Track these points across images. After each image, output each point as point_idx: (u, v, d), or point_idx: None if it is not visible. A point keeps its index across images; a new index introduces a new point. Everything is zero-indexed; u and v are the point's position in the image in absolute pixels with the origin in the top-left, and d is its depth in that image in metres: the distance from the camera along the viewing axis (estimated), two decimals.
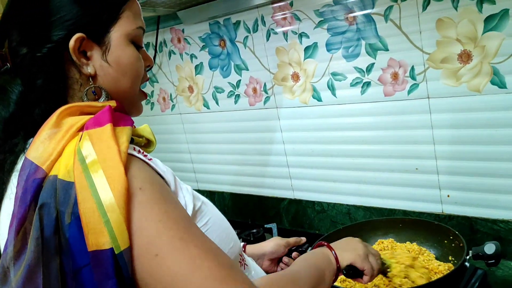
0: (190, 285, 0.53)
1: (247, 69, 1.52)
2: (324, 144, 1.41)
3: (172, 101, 1.81)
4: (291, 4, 1.33)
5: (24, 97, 0.66)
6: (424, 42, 1.13)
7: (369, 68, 1.24)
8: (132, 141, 0.64)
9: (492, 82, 1.06)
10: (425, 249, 1.08)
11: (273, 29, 1.40)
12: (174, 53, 1.72)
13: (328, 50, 1.30)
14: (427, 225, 1.11)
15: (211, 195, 1.82)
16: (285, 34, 1.38)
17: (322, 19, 1.28)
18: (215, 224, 0.72)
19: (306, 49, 1.34)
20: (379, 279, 0.95)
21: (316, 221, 1.53)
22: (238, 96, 1.58)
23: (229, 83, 1.59)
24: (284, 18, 1.36)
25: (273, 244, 1.11)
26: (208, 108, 1.69)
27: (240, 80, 1.55)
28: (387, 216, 1.32)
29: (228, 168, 1.72)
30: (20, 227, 0.55)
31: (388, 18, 1.16)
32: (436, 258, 1.06)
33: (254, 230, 1.51)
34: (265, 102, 1.51)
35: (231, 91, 1.59)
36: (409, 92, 1.19)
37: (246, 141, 1.62)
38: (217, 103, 1.65)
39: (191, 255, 0.55)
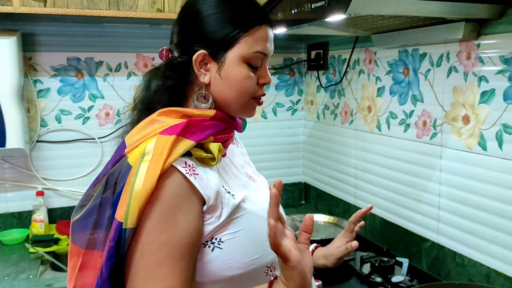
0: (125, 282, 0.75)
1: (422, 102, 1.51)
2: (480, 196, 1.32)
3: (352, 117, 1.91)
4: (478, 46, 1.28)
5: (158, 89, 0.87)
6: None
7: None
8: (190, 154, 0.79)
9: None
10: None
11: (455, 67, 1.37)
12: (363, 73, 1.81)
13: (505, 100, 1.21)
14: None
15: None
16: (465, 74, 1.33)
17: (505, 66, 1.20)
18: (245, 235, 0.82)
19: (483, 93, 1.28)
20: None
21: (454, 274, 1.43)
22: (408, 125, 1.59)
23: (403, 111, 1.60)
24: (468, 58, 1.32)
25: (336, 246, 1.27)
26: (380, 130, 1.74)
27: (413, 110, 1.55)
28: None
29: (384, 193, 1.73)
30: (99, 181, 0.80)
31: None
32: None
33: (386, 259, 1.52)
34: (431, 138, 1.48)
35: (403, 119, 1.61)
36: None
37: (405, 171, 1.61)
38: (388, 127, 1.69)
39: (136, 269, 0.74)
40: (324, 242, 1.66)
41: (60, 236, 1.81)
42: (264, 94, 0.91)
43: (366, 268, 1.53)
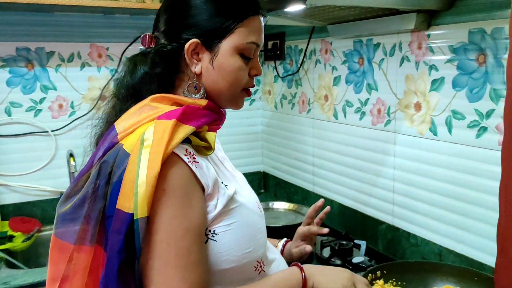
0: (149, 277, 0.70)
1: (377, 90, 1.57)
2: (431, 179, 1.39)
3: (309, 106, 1.96)
4: (429, 36, 1.35)
5: (147, 75, 0.84)
6: None
7: (489, 114, 1.19)
8: (189, 142, 0.77)
9: None
10: None
11: (407, 57, 1.43)
12: (320, 62, 1.86)
13: (454, 87, 1.29)
14: None
15: None
16: (417, 63, 1.39)
17: (454, 55, 1.27)
18: (238, 228, 0.81)
19: (433, 81, 1.35)
20: None
21: (408, 253, 1.51)
22: (364, 113, 1.64)
23: (358, 99, 1.66)
24: (420, 48, 1.38)
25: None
26: (336, 118, 1.79)
27: (368, 99, 1.61)
28: (476, 268, 1.26)
29: (342, 179, 1.79)
30: (87, 170, 0.76)
31: None
32: None
33: (344, 242, 1.57)
34: (385, 125, 1.55)
35: (358, 107, 1.66)
36: None
37: (361, 157, 1.67)
38: (345, 116, 1.74)
39: (165, 260, 0.70)
40: (285, 229, 1.71)
41: (14, 233, 1.75)
42: (253, 85, 0.91)
43: (326, 252, 1.58)
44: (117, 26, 1.96)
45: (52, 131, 1.90)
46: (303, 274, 0.83)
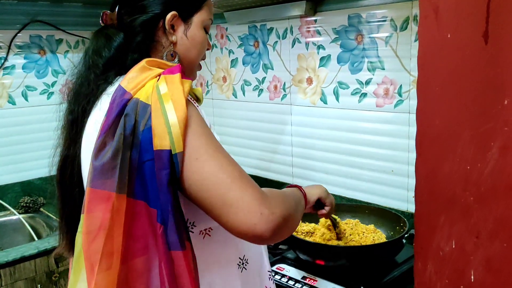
0: (217, 181, 0.78)
1: (272, 69, 1.80)
2: (323, 140, 1.67)
3: (208, 87, 2.12)
4: (316, 21, 1.61)
5: (123, 46, 0.92)
6: (412, 66, 1.38)
7: (368, 82, 1.50)
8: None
9: None
10: (379, 230, 1.32)
11: (298, 39, 1.68)
12: (216, 47, 2.03)
13: (338, 62, 1.57)
14: (386, 213, 1.37)
15: None
16: (307, 44, 1.66)
17: (337, 36, 1.55)
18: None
19: (321, 59, 1.62)
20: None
21: None
22: (261, 90, 1.87)
23: (256, 78, 1.88)
24: (308, 31, 1.64)
25: None
26: (236, 97, 1.99)
27: (265, 77, 1.84)
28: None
29: (245, 151, 2.00)
30: (109, 127, 0.82)
31: (387, 43, 1.42)
32: (386, 239, 1.30)
33: None
34: (282, 99, 1.79)
35: (256, 85, 1.88)
36: (395, 106, 1.44)
37: (262, 129, 1.90)
38: (243, 94, 1.95)
39: (220, 162, 0.80)
40: None
41: None
42: (205, 58, 1.04)
43: None
44: (3, 12, 1.89)
45: None
46: (302, 190, 1.02)
